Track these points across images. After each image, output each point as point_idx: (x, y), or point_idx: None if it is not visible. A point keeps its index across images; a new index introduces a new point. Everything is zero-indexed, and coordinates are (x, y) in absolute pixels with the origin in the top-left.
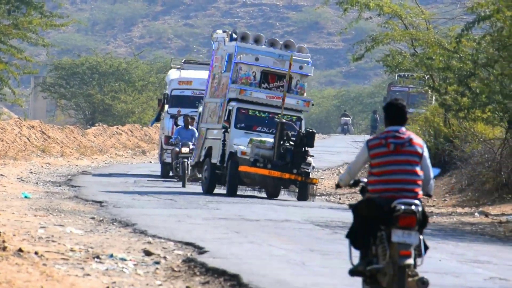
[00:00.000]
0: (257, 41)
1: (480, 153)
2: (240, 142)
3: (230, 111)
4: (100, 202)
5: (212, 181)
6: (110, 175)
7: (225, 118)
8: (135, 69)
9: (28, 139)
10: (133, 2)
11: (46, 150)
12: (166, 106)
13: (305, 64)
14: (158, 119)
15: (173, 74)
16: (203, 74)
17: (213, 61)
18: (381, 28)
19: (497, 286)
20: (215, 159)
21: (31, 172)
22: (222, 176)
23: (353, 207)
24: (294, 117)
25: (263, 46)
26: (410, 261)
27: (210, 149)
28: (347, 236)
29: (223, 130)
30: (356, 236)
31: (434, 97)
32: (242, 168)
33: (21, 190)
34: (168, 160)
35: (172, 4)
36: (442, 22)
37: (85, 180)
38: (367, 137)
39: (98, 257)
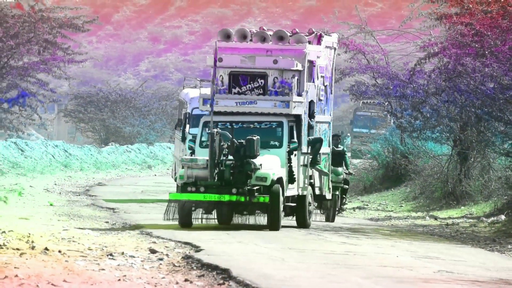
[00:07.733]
0: (244, 37)
1: (430, 166)
2: None
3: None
4: (113, 209)
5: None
6: (121, 186)
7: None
8: (141, 97)
9: (53, 156)
10: (140, 42)
11: (68, 165)
12: (187, 126)
13: (280, 57)
14: (184, 138)
15: (193, 92)
16: None
17: None
18: (347, 62)
19: (444, 277)
20: None
21: (55, 184)
22: None
23: None
24: (275, 123)
25: (249, 42)
26: None
27: None
28: None
29: (190, 152)
30: None
31: (392, 120)
32: (173, 195)
33: (47, 199)
34: None
35: (173, 43)
36: (398, 57)
37: (101, 190)
38: None
39: (111, 254)
